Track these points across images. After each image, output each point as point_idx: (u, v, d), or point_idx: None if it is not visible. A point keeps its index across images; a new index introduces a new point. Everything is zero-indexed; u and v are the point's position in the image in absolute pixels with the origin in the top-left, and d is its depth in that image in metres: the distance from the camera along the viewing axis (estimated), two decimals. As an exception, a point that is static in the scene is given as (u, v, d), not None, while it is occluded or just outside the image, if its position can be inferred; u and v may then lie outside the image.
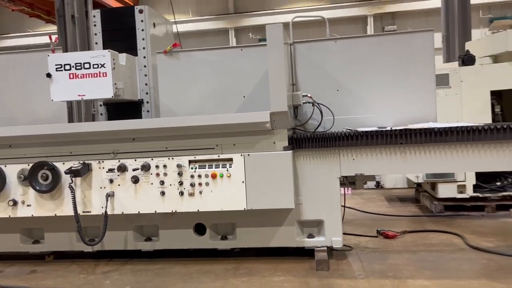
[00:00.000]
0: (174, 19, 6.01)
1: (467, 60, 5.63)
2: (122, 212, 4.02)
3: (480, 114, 5.52)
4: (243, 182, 3.85)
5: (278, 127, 3.81)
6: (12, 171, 4.13)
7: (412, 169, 3.99)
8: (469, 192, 5.66)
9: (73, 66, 4.34)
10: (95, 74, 4.32)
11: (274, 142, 3.85)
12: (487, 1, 17.18)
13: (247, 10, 20.08)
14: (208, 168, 3.91)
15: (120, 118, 4.79)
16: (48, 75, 4.34)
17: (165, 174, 3.95)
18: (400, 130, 3.78)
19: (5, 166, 4.14)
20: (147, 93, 5.01)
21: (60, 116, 4.99)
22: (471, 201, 5.70)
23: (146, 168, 3.95)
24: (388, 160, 3.86)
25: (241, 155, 3.86)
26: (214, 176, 3.88)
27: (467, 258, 3.98)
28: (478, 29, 16.93)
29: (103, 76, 4.31)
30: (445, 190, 5.69)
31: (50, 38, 4.95)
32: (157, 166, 3.96)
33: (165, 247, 4.28)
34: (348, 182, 4.27)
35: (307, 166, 3.98)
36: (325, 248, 3.99)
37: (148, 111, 5.05)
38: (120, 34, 5.02)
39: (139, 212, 4.00)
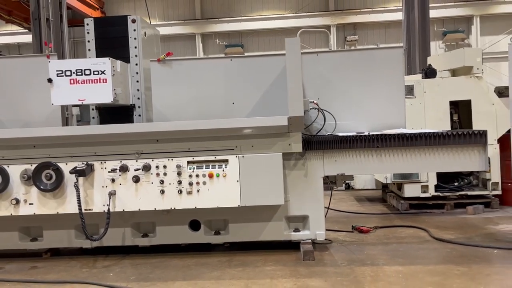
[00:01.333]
0: (150, 23, 6.29)
1: (430, 73, 6.27)
2: (123, 210, 4.30)
3: (440, 122, 6.16)
4: (237, 181, 4.24)
5: (293, 130, 4.24)
6: (14, 171, 4.33)
7: (387, 170, 4.52)
8: (431, 192, 6.29)
9: (73, 72, 4.60)
10: (96, 80, 4.59)
11: (290, 144, 4.27)
12: (440, 16, 18.30)
13: (213, 16, 20.37)
14: (206, 168, 4.27)
15: (112, 122, 5.07)
16: (49, 80, 4.57)
17: (164, 174, 4.28)
18: (377, 135, 4.30)
19: (8, 166, 4.34)
20: (138, 98, 5.29)
21: (54, 119, 5.15)
22: (432, 199, 6.33)
23: (147, 168, 4.26)
24: (366, 162, 4.36)
25: (236, 156, 4.25)
26: (211, 176, 4.24)
27: (432, 248, 4.53)
28: (432, 42, 18.01)
29: (103, 82, 4.59)
30: (410, 190, 6.29)
31: (46, 44, 5.16)
32: (157, 167, 4.28)
33: (161, 242, 4.59)
34: (329, 181, 4.74)
35: (295, 166, 4.41)
36: (310, 240, 4.45)
37: (139, 115, 5.32)
38: (113, 42, 5.29)
39: (139, 209, 4.30)
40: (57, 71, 4.59)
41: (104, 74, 4.59)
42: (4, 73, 5.09)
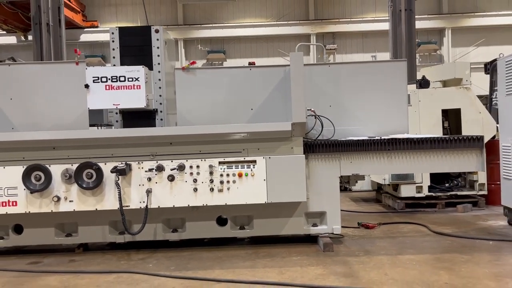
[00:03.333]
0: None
1: (424, 83, 6.88)
2: (159, 206, 4.66)
3: (434, 128, 6.76)
4: (264, 180, 4.67)
5: (295, 135, 4.69)
6: (56, 170, 4.62)
7: (397, 170, 5.04)
8: (425, 192, 6.89)
9: (109, 79, 4.93)
10: (130, 86, 4.95)
11: (292, 148, 4.74)
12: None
13: (196, 23, 20.69)
14: (235, 168, 4.69)
15: (135, 125, 5.39)
16: (86, 86, 4.89)
17: (197, 173, 4.67)
18: (388, 139, 4.82)
19: (50, 166, 4.63)
20: (160, 104, 5.64)
21: (82, 122, 5.41)
22: (426, 199, 6.92)
23: (181, 168, 4.64)
24: (378, 163, 4.88)
25: (263, 157, 4.69)
26: (240, 175, 4.66)
27: (435, 240, 5.08)
28: (409, 52, 18.92)
29: (137, 88, 4.95)
30: (406, 190, 6.87)
31: (76, 51, 5.43)
32: (191, 167, 4.67)
33: (191, 237, 4.96)
34: (343, 181, 5.23)
35: (314, 167, 4.88)
36: (327, 234, 4.92)
37: (161, 119, 5.67)
38: (136, 50, 5.63)
39: (173, 206, 4.67)
40: (93, 77, 4.93)
41: (138, 81, 4.95)
42: (33, 79, 5.29)
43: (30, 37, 18.36)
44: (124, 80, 4.95)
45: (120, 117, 5.63)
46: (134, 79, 4.95)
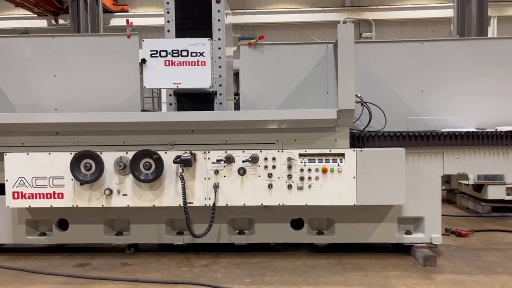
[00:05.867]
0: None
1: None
2: (227, 204, 3.93)
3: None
4: (354, 177, 3.87)
5: (341, 124, 3.94)
6: (108, 158, 3.92)
7: (516, 170, 4.18)
8: (517, 194, 5.98)
9: (169, 53, 4.19)
10: (193, 63, 4.19)
11: (336, 140, 3.97)
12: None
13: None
14: (319, 162, 3.90)
15: (191, 109, 4.66)
16: (143, 61, 4.17)
17: (273, 167, 3.90)
18: (506, 132, 3.95)
19: (101, 153, 3.93)
20: (220, 85, 4.88)
21: (133, 104, 4.71)
22: (518, 203, 6.02)
23: (255, 160, 3.88)
24: (491, 160, 4.04)
25: (354, 150, 3.89)
26: (324, 171, 3.87)
27: (555, 255, 4.21)
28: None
29: (202, 65, 4.19)
30: (494, 192, 5.96)
31: (127, 22, 4.71)
32: (265, 159, 3.90)
33: (261, 241, 4.23)
34: (443, 180, 4.39)
35: (407, 164, 4.03)
36: (425, 244, 4.11)
37: (221, 103, 4.91)
38: (195, 23, 4.87)
39: (244, 204, 3.93)
40: (151, 51, 4.18)
41: (203, 56, 4.19)
42: (78, 54, 4.56)
43: (61, 21, 18.02)
44: (187, 55, 4.20)
45: (174, 99, 4.89)
46: (198, 54, 4.19)
